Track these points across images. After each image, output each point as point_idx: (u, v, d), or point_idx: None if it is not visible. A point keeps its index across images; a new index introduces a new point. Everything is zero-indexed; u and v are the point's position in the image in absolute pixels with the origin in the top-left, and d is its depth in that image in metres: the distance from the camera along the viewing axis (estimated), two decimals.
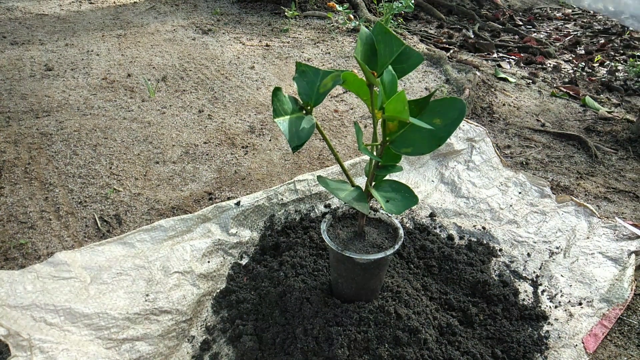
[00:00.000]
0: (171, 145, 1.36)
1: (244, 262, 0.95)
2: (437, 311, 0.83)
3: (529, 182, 1.25)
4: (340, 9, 2.58)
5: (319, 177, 0.64)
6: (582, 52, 2.69)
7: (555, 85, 2.12)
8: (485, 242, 1.06)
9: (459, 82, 1.86)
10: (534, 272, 0.98)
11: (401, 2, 2.28)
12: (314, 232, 1.00)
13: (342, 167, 0.69)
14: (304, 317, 0.75)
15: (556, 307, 0.90)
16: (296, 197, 1.09)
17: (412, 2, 2.29)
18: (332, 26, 2.54)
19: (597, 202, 1.26)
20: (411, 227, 1.08)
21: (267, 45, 2.25)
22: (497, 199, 1.19)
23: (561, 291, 0.93)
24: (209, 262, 0.91)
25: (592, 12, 3.61)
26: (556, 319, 0.87)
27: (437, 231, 1.09)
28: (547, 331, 0.84)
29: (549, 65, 2.39)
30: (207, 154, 1.33)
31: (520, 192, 1.23)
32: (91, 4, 2.76)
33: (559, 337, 0.83)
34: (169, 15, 2.66)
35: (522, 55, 2.49)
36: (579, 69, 2.39)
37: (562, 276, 0.97)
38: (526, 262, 1.01)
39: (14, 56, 1.89)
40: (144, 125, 1.46)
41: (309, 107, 0.62)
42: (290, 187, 1.09)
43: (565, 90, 2.04)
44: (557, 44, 2.78)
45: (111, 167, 1.23)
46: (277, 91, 0.58)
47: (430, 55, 2.16)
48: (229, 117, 1.55)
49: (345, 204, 0.83)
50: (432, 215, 1.13)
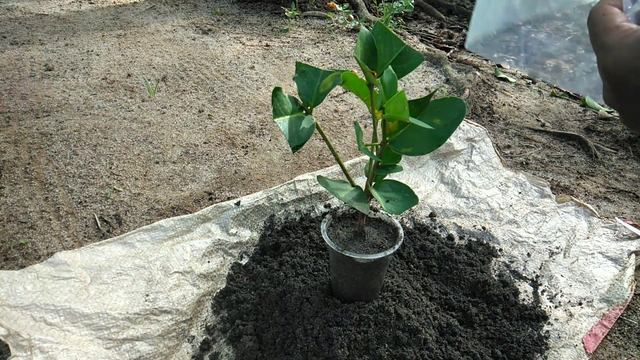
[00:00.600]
0: (171, 145, 1.36)
1: (244, 262, 0.95)
2: (437, 311, 0.83)
3: (529, 182, 1.25)
4: (340, 9, 2.58)
5: (319, 177, 0.64)
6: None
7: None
8: (485, 242, 1.06)
9: (459, 82, 1.86)
10: (534, 272, 0.98)
11: (401, 2, 2.28)
12: (314, 232, 1.00)
13: (342, 167, 0.69)
14: (304, 317, 0.75)
15: (556, 307, 0.90)
16: (296, 197, 1.09)
17: (412, 2, 2.29)
18: (332, 26, 2.54)
19: (597, 202, 1.26)
20: (411, 227, 1.08)
21: (267, 45, 2.25)
22: (497, 199, 1.19)
23: (561, 291, 0.93)
24: (209, 262, 0.91)
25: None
26: (556, 319, 0.87)
27: (437, 231, 1.09)
28: (547, 331, 0.84)
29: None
30: (207, 154, 1.33)
31: (520, 192, 1.23)
32: (91, 4, 2.76)
33: (559, 337, 0.83)
34: (169, 15, 2.66)
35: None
36: None
37: (562, 276, 0.97)
38: (526, 262, 1.01)
39: (14, 56, 1.89)
40: (144, 125, 1.46)
41: (309, 107, 0.62)
42: (290, 187, 1.09)
43: (565, 90, 2.04)
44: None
45: (111, 167, 1.23)
46: (277, 91, 0.58)
47: (430, 55, 2.16)
48: (229, 117, 1.55)
49: (345, 204, 0.83)
50: (432, 215, 1.13)
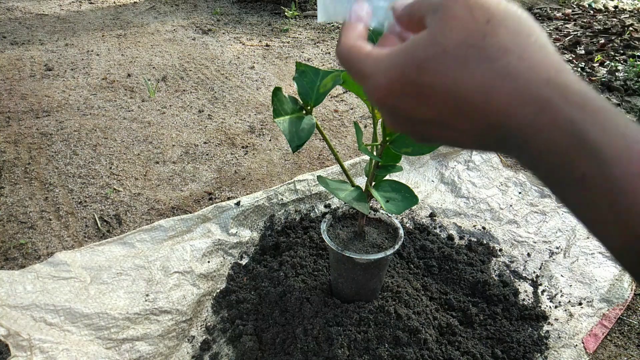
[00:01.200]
0: (171, 145, 1.36)
1: (244, 262, 0.95)
2: (437, 311, 0.83)
3: (529, 182, 1.25)
4: None
5: (319, 177, 0.64)
6: (582, 52, 2.69)
7: None
8: (485, 242, 1.06)
9: None
10: (534, 272, 0.98)
11: None
12: (314, 232, 1.00)
13: (342, 167, 0.69)
14: (304, 317, 0.75)
15: (556, 307, 0.90)
16: (296, 197, 1.09)
17: None
18: (332, 26, 2.54)
19: None
20: (411, 227, 1.08)
21: (267, 45, 2.25)
22: (497, 199, 1.19)
23: (561, 291, 0.93)
24: (209, 262, 0.91)
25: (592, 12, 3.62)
26: (556, 319, 0.87)
27: (437, 231, 1.09)
28: (547, 331, 0.84)
29: None
30: (207, 154, 1.33)
31: (520, 192, 1.23)
32: (91, 4, 2.76)
33: (559, 337, 0.83)
34: (169, 15, 2.66)
35: None
36: (579, 69, 2.39)
37: (562, 276, 0.97)
38: (526, 262, 1.01)
39: (14, 56, 1.89)
40: (144, 125, 1.46)
41: (309, 107, 0.62)
42: (290, 187, 1.09)
43: None
44: (557, 44, 2.78)
45: (111, 167, 1.23)
46: (277, 91, 0.58)
47: None
48: (229, 117, 1.55)
49: (345, 203, 0.83)
50: (432, 215, 1.13)
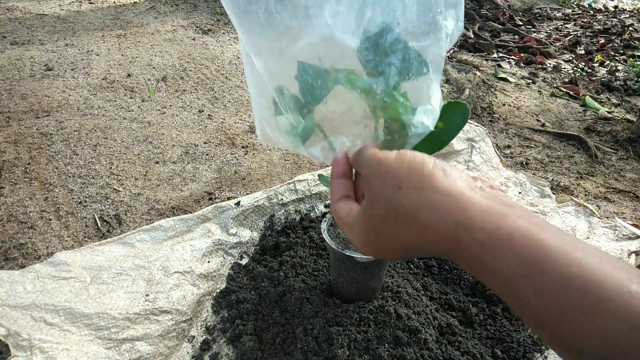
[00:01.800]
0: (171, 145, 1.36)
1: (244, 262, 0.95)
2: (437, 311, 0.83)
3: (529, 182, 1.25)
4: None
5: (321, 176, 0.64)
6: (582, 52, 2.69)
7: (555, 85, 2.12)
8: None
9: (459, 82, 1.86)
10: None
11: None
12: (314, 232, 1.00)
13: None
14: (304, 317, 0.75)
15: None
16: (296, 197, 1.09)
17: None
18: None
19: (597, 202, 1.26)
20: None
21: None
22: None
23: None
24: (209, 262, 0.91)
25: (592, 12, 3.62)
26: None
27: None
28: None
29: (549, 65, 2.39)
30: (207, 154, 1.33)
31: (520, 192, 1.22)
32: (91, 4, 2.76)
33: None
34: (169, 15, 2.66)
35: (522, 55, 2.49)
36: (579, 69, 2.39)
37: None
38: None
39: (14, 56, 1.89)
40: (144, 125, 1.46)
41: (311, 106, 0.62)
42: (290, 187, 1.09)
43: (565, 90, 2.04)
44: (557, 44, 2.78)
45: (111, 167, 1.23)
46: (279, 90, 0.58)
47: None
48: (229, 117, 1.55)
49: None
50: None
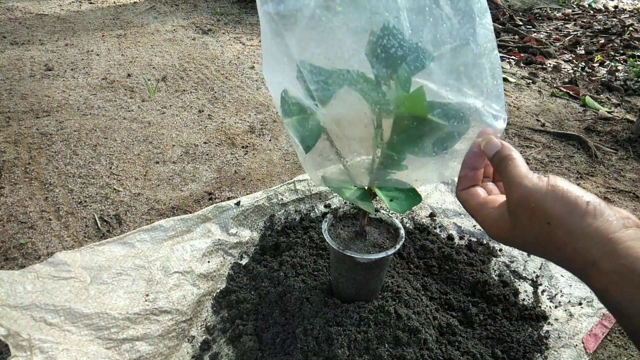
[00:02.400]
0: (171, 145, 1.36)
1: (244, 262, 0.95)
2: (437, 311, 0.83)
3: None
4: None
5: (323, 177, 0.64)
6: (582, 52, 2.69)
7: (555, 85, 2.12)
8: (485, 242, 1.06)
9: None
10: (534, 272, 0.98)
11: None
12: (314, 232, 1.00)
13: (344, 166, 0.69)
14: (304, 317, 0.75)
15: (556, 307, 0.90)
16: (296, 197, 1.09)
17: None
18: None
19: None
20: (411, 227, 1.08)
21: None
22: None
23: (561, 291, 0.93)
24: (209, 262, 0.91)
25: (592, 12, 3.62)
26: (556, 319, 0.87)
27: (437, 231, 1.09)
28: (547, 331, 0.84)
29: (549, 65, 2.39)
30: (207, 154, 1.33)
31: None
32: (91, 4, 2.76)
33: (559, 337, 0.83)
34: (169, 15, 2.66)
35: (522, 55, 2.49)
36: (579, 69, 2.39)
37: (562, 276, 0.97)
38: (526, 262, 1.01)
39: (14, 56, 1.89)
40: (144, 125, 1.46)
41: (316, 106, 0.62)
42: (290, 187, 1.09)
43: (565, 90, 2.04)
44: (557, 44, 2.78)
45: (111, 167, 1.23)
46: (284, 91, 0.58)
47: None
48: (229, 117, 1.55)
49: (346, 203, 0.83)
50: (432, 215, 1.13)
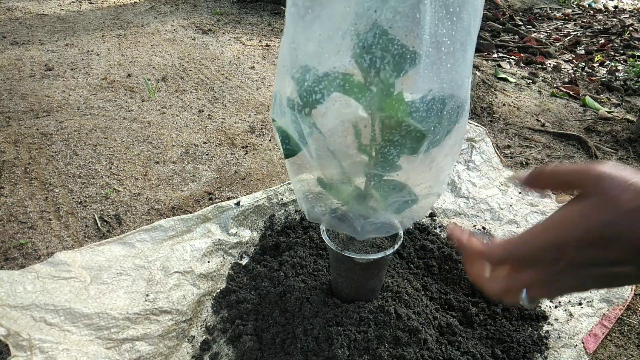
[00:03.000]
0: (171, 145, 1.36)
1: (244, 262, 0.95)
2: (437, 311, 0.83)
3: None
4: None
5: (319, 179, 0.64)
6: (582, 52, 2.69)
7: (555, 85, 2.12)
8: (485, 242, 1.06)
9: None
10: None
11: None
12: (314, 232, 1.00)
13: (342, 167, 0.69)
14: (304, 317, 0.75)
15: (556, 307, 0.90)
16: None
17: None
18: None
19: None
20: (411, 227, 1.08)
21: (267, 45, 2.25)
22: (497, 199, 1.19)
23: None
24: (209, 262, 0.91)
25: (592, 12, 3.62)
26: (556, 319, 0.87)
27: (437, 231, 1.09)
28: (547, 331, 0.84)
29: (549, 65, 2.39)
30: (207, 154, 1.33)
31: (520, 192, 1.23)
32: (91, 4, 2.76)
33: (559, 337, 0.83)
34: (169, 15, 2.66)
35: (522, 55, 2.49)
36: (579, 69, 2.39)
37: None
38: None
39: (14, 56, 1.89)
40: (144, 125, 1.46)
41: (308, 109, 0.62)
42: (290, 187, 1.09)
43: (565, 90, 2.04)
44: (557, 44, 2.78)
45: (111, 167, 1.23)
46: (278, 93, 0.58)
47: None
48: (229, 117, 1.55)
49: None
50: (432, 215, 1.13)
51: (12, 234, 0.98)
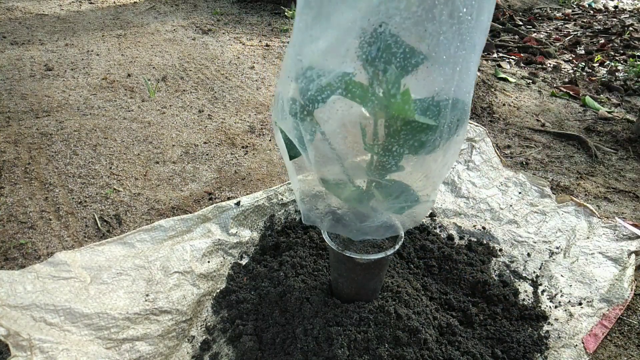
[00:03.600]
0: (171, 145, 1.36)
1: (244, 262, 0.95)
2: (437, 311, 0.83)
3: (529, 182, 1.25)
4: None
5: (320, 177, 0.64)
6: (582, 52, 2.69)
7: (555, 85, 2.12)
8: (485, 242, 1.06)
9: None
10: (534, 272, 0.98)
11: None
12: (314, 232, 1.00)
13: (343, 166, 0.69)
14: (304, 317, 0.75)
15: (556, 307, 0.90)
16: None
17: None
18: None
19: (597, 202, 1.26)
20: (411, 227, 1.08)
21: (267, 45, 2.25)
22: (497, 199, 1.19)
23: (561, 291, 0.93)
24: (209, 262, 0.91)
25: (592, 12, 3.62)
26: (556, 319, 0.87)
27: (437, 231, 1.09)
28: (547, 331, 0.84)
29: (549, 65, 2.39)
30: (207, 154, 1.33)
31: (520, 192, 1.23)
32: (91, 4, 2.76)
33: (559, 337, 0.83)
34: (169, 15, 2.66)
35: (522, 55, 2.49)
36: (579, 69, 2.39)
37: (562, 276, 0.97)
38: (526, 262, 1.01)
39: (14, 56, 1.89)
40: (144, 125, 1.46)
41: (310, 109, 0.62)
42: (290, 187, 1.09)
43: (565, 90, 2.04)
44: (557, 44, 2.78)
45: (111, 167, 1.23)
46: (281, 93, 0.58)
47: None
48: (229, 117, 1.55)
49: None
50: (432, 215, 1.13)
51: (12, 234, 0.98)
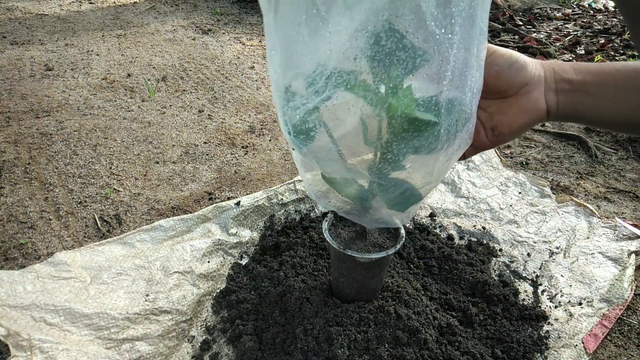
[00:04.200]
0: (171, 145, 1.36)
1: (244, 262, 0.95)
2: (437, 311, 0.83)
3: (529, 182, 1.25)
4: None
5: (323, 175, 0.64)
6: (582, 52, 2.68)
7: None
8: (485, 242, 1.06)
9: None
10: (534, 272, 0.98)
11: None
12: (314, 232, 1.00)
13: (344, 165, 0.69)
14: (304, 317, 0.75)
15: (556, 307, 0.90)
16: (296, 197, 1.09)
17: None
18: None
19: (597, 202, 1.26)
20: (411, 227, 1.08)
21: None
22: (497, 199, 1.19)
23: (561, 291, 0.93)
24: (209, 262, 0.91)
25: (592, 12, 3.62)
26: (556, 319, 0.87)
27: (437, 231, 1.09)
28: (547, 331, 0.84)
29: None
30: (207, 154, 1.33)
31: (520, 192, 1.23)
32: (91, 4, 2.76)
33: (559, 337, 0.83)
34: (169, 15, 2.66)
35: None
36: None
37: (562, 276, 0.97)
38: (526, 262, 1.01)
39: (14, 56, 1.89)
40: (144, 125, 1.46)
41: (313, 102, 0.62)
42: (290, 187, 1.09)
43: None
44: (557, 44, 2.78)
45: (111, 167, 1.23)
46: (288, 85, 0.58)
47: None
48: (229, 117, 1.55)
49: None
50: (432, 215, 1.13)
51: (12, 234, 0.98)
